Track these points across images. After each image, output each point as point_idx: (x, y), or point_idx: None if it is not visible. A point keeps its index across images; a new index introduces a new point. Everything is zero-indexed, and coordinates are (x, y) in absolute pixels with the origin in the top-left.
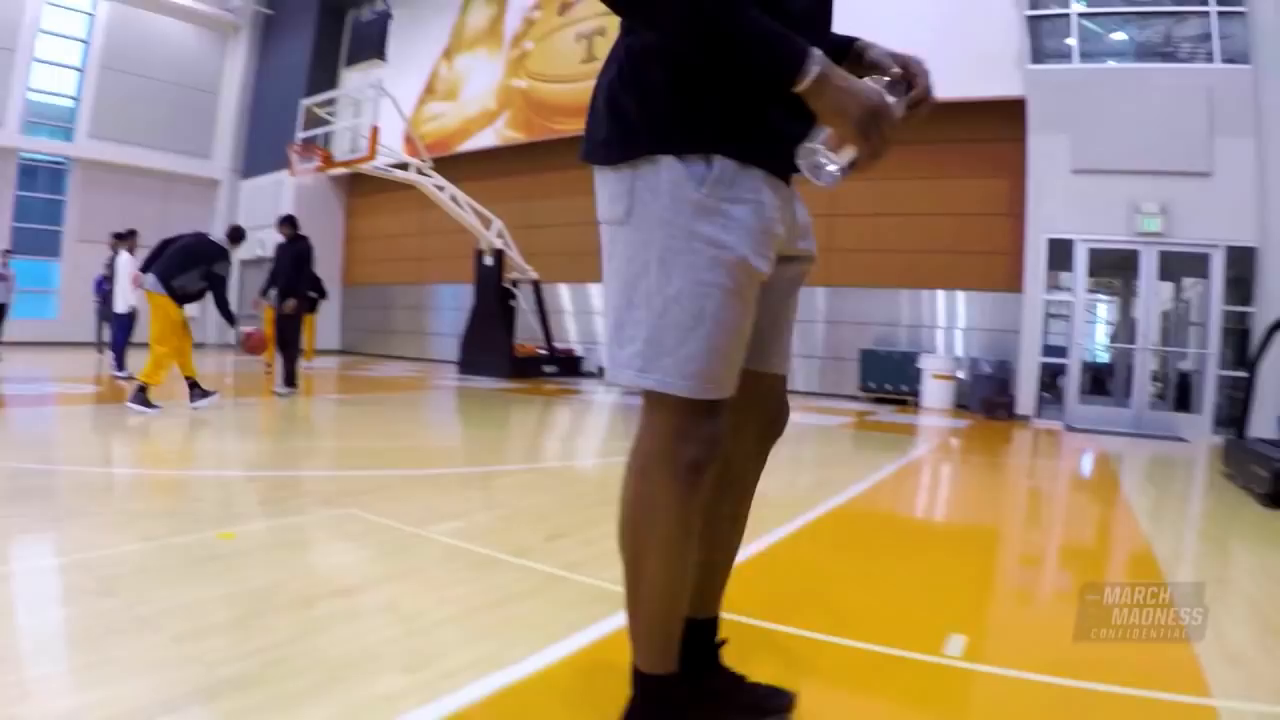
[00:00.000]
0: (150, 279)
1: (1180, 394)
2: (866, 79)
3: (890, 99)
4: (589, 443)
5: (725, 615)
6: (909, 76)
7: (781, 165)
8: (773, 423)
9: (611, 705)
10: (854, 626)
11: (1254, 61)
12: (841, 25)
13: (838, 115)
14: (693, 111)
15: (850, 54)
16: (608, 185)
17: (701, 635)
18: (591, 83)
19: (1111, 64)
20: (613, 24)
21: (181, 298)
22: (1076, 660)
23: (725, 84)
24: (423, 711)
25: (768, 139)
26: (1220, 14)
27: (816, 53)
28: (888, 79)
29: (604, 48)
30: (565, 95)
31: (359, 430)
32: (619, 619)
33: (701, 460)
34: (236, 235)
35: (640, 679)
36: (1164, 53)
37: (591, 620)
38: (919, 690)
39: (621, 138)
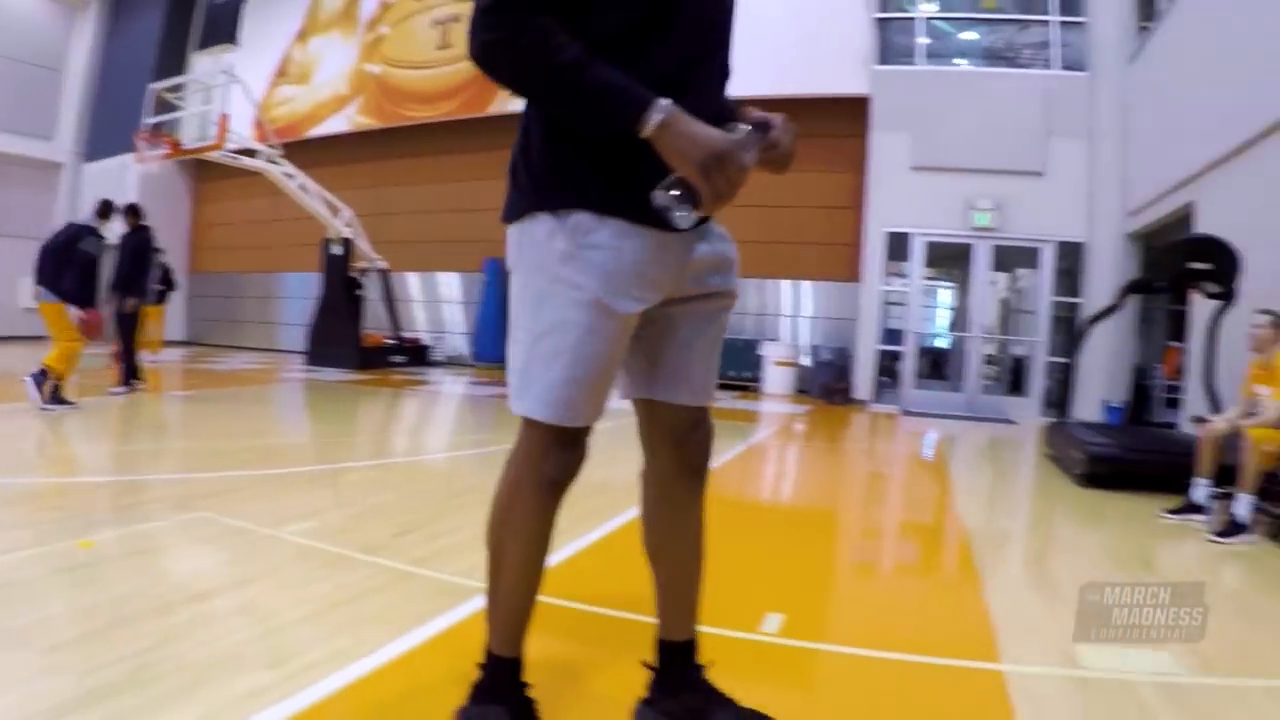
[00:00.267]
0: (42, 291)
1: (1012, 379)
2: (724, 128)
3: (738, 146)
4: (435, 437)
5: (563, 603)
6: (764, 126)
7: (652, 214)
8: (686, 450)
9: (460, 690)
10: None
11: (1090, 69)
12: None
13: (680, 158)
14: (561, 172)
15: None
16: (509, 238)
17: (674, 656)
18: (446, 69)
19: (954, 67)
20: (469, 10)
21: (78, 297)
22: (884, 633)
23: (590, 142)
24: (286, 704)
25: (629, 191)
26: (1061, 24)
27: (662, 102)
28: (743, 127)
29: (459, 35)
30: (419, 82)
31: (207, 429)
32: (463, 610)
33: (557, 479)
34: (105, 210)
35: (490, 658)
36: (1006, 58)
37: (439, 612)
38: (730, 666)
39: (515, 200)
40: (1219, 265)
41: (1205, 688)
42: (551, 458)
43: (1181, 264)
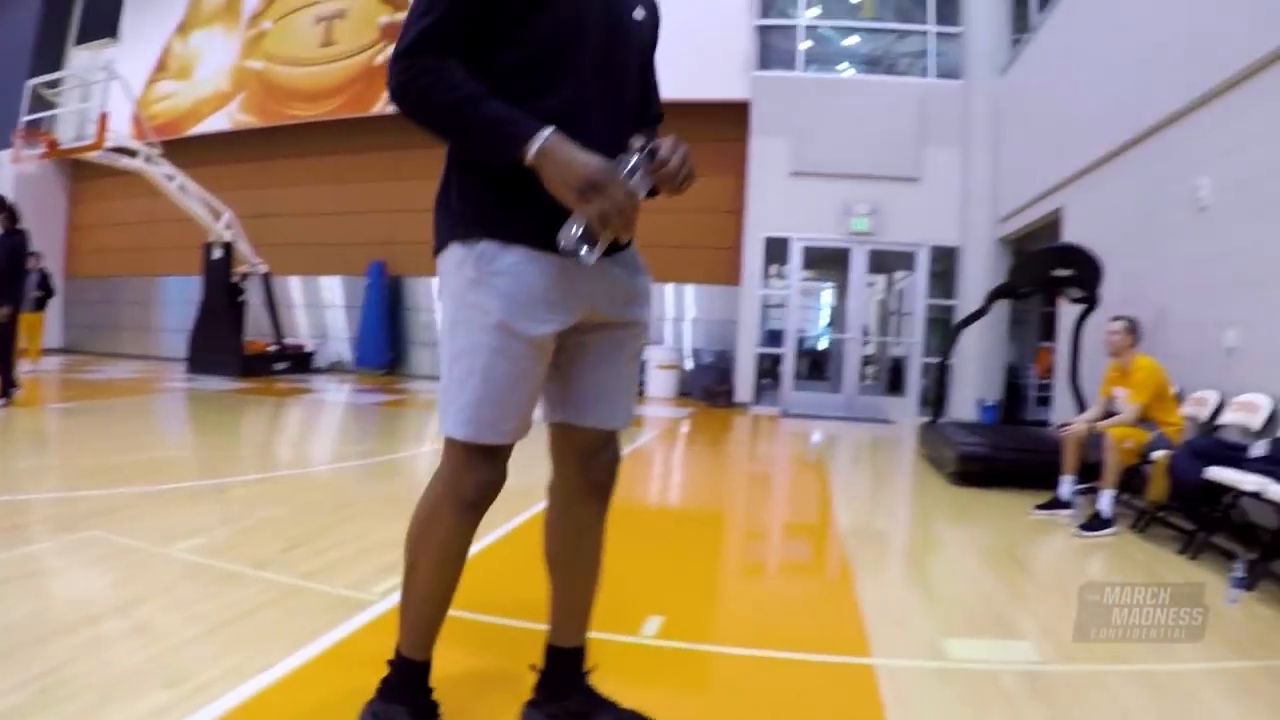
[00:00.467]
0: None
1: (890, 379)
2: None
3: (617, 172)
4: (320, 448)
5: (454, 613)
6: (652, 151)
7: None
8: (591, 471)
9: (354, 701)
10: None
11: (964, 77)
12: None
13: (559, 185)
14: (469, 203)
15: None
16: (437, 270)
17: (562, 661)
18: (329, 67)
19: (833, 74)
20: (353, 7)
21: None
22: (759, 632)
23: (493, 174)
24: None
25: (531, 220)
26: (937, 33)
27: (544, 132)
28: (627, 156)
29: (343, 31)
30: (301, 80)
31: (90, 444)
32: (355, 623)
33: (474, 498)
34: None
35: (399, 659)
36: (884, 66)
37: (331, 626)
38: (611, 669)
39: (438, 234)
40: (1081, 272)
41: (1065, 674)
42: (469, 476)
43: (1046, 271)
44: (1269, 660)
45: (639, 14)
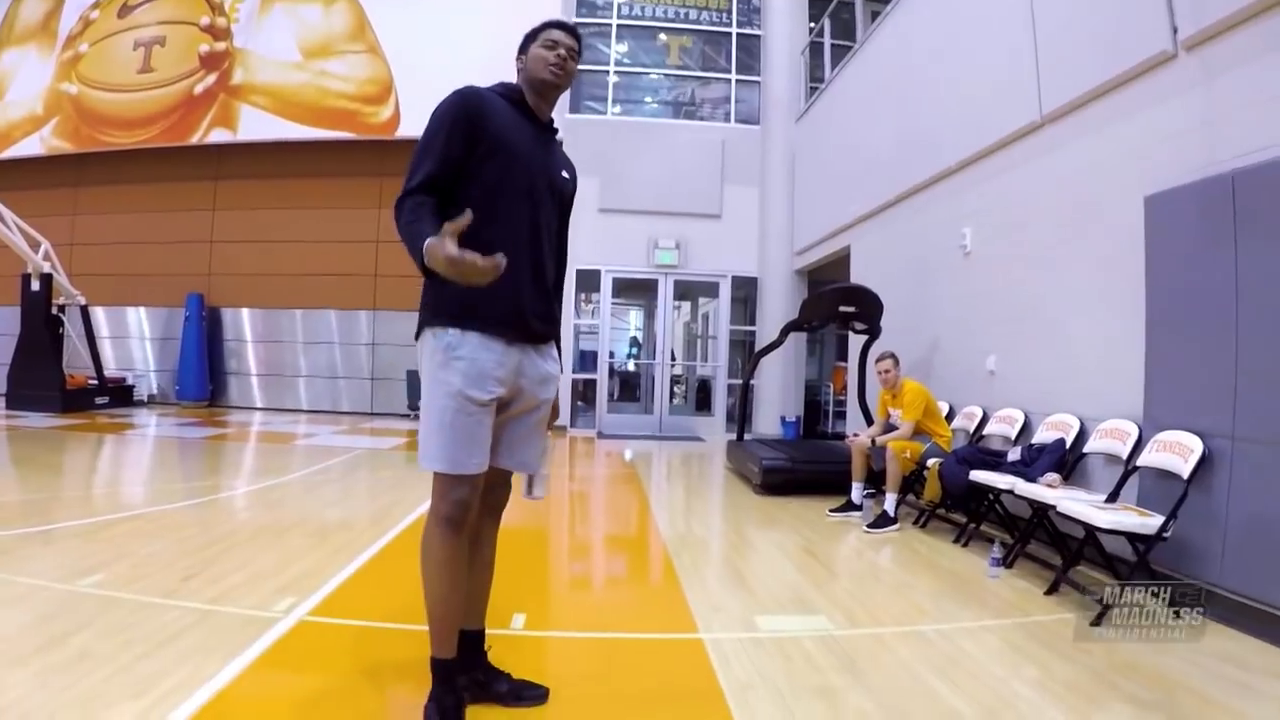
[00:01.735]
0: None
1: (699, 399)
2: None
3: (456, 252)
4: (171, 484)
5: (355, 622)
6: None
7: (507, 331)
8: (490, 498)
9: (300, 689)
10: None
11: (762, 122)
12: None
13: (438, 268)
14: (436, 298)
15: None
16: (417, 348)
17: (467, 642)
18: (147, 94)
19: (640, 118)
20: (174, 34)
21: None
22: (606, 620)
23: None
24: None
25: (482, 313)
26: (738, 81)
27: (428, 241)
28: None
29: (162, 59)
30: (116, 106)
31: None
32: (274, 634)
33: (453, 515)
34: None
35: (434, 663)
36: (689, 110)
37: (254, 638)
38: (494, 656)
39: (419, 322)
40: (863, 308)
41: (851, 636)
42: (448, 498)
43: (833, 308)
44: (1019, 619)
45: (564, 174)
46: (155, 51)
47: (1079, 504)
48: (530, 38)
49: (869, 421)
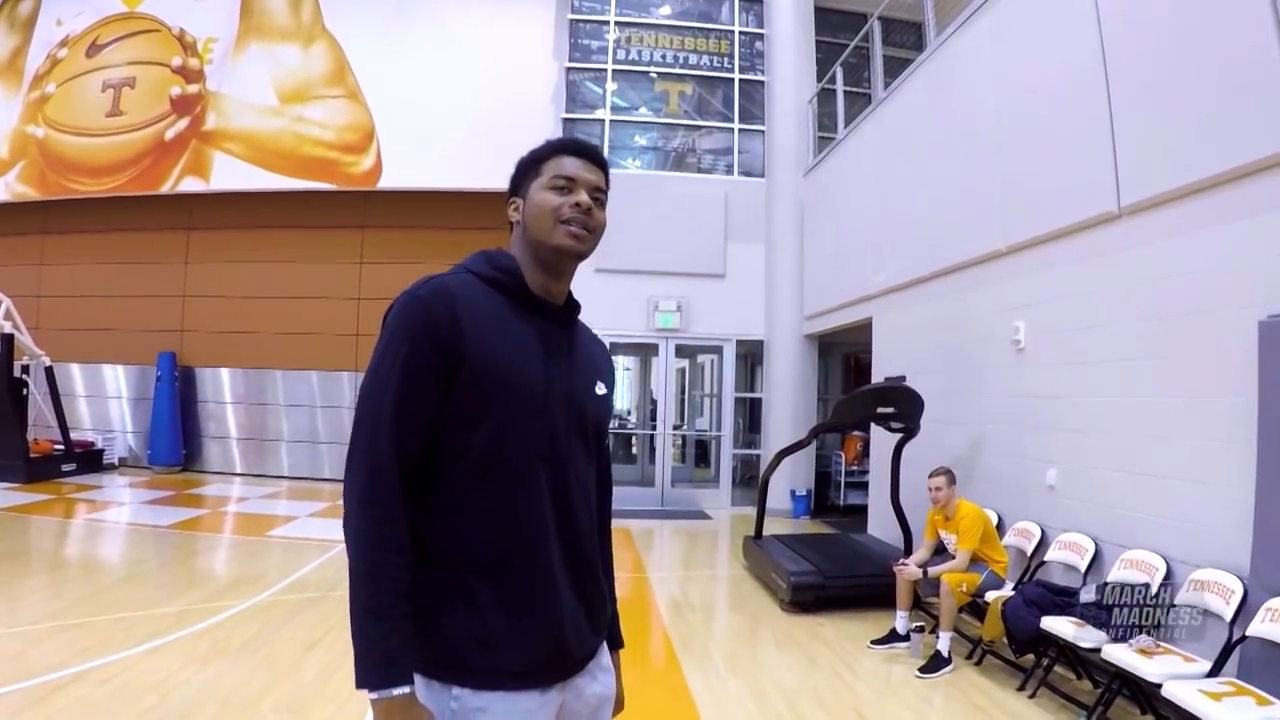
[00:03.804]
0: None
1: (701, 465)
2: None
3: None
4: (112, 610)
5: None
6: None
7: (541, 678)
8: None
9: None
10: None
11: (767, 175)
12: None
13: None
14: (428, 624)
15: None
16: None
17: None
18: (117, 139)
19: (637, 170)
20: (144, 76)
21: None
22: None
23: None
24: None
25: (506, 659)
26: (741, 131)
27: (402, 695)
28: None
29: (132, 101)
30: (84, 150)
31: None
32: None
33: None
34: None
35: None
36: (688, 162)
37: None
38: None
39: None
40: (901, 408)
41: None
42: None
43: (870, 409)
44: None
45: (598, 389)
46: (125, 93)
47: (1188, 689)
48: (529, 168)
49: (902, 526)
